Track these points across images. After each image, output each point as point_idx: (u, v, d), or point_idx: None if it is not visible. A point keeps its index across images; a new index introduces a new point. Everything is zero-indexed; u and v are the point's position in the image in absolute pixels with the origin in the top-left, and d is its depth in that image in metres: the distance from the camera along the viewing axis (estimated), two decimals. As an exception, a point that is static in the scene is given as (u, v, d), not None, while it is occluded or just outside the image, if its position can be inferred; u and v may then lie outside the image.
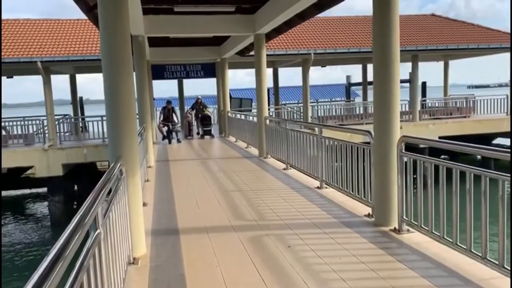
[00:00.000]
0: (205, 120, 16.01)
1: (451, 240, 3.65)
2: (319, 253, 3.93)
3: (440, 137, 16.76)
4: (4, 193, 18.93)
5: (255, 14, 9.90)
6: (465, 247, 3.48)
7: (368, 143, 5.00)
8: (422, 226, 4.06)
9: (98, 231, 2.21)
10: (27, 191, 18.68)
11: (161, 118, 14.96)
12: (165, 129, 14.85)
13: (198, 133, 16.35)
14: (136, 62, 9.85)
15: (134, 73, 9.85)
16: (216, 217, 5.34)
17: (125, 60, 3.98)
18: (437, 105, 19.84)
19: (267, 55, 13.34)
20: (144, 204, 6.05)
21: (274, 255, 3.95)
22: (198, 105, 16.52)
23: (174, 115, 14.87)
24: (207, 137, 15.96)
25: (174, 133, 14.82)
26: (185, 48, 15.28)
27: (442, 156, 16.45)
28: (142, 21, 9.01)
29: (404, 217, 4.31)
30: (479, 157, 16.88)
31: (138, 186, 4.09)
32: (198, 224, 5.10)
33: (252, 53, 12.70)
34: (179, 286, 3.41)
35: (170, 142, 14.52)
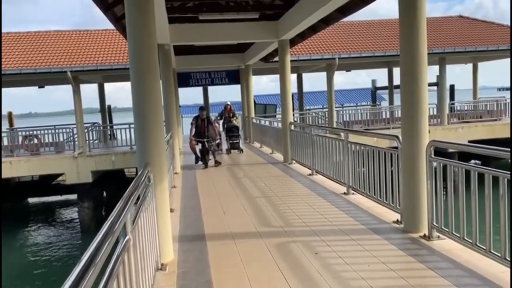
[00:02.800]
0: (231, 132, 13.22)
1: (484, 248, 3.53)
2: (347, 260, 3.87)
3: (470, 141, 16.34)
4: (36, 199, 19.52)
5: (278, 21, 9.93)
6: (499, 254, 3.37)
7: (396, 147, 4.92)
8: (453, 232, 3.95)
9: (127, 237, 2.24)
10: (58, 197, 19.18)
11: (193, 133, 10.57)
12: (198, 147, 10.56)
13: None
14: (162, 70, 10.01)
15: (160, 81, 10.02)
16: (242, 223, 5.35)
17: (152, 69, 4.05)
18: (466, 108, 19.35)
19: (291, 60, 13.33)
20: (171, 210, 6.10)
21: (301, 262, 3.92)
22: (227, 112, 14.22)
23: (210, 126, 10.58)
24: (234, 151, 13.19)
25: (211, 153, 10.58)
26: (209, 56, 15.45)
27: (473, 161, 16.02)
28: (168, 30, 9.16)
29: (434, 223, 4.21)
30: None
31: (165, 193, 4.13)
32: (224, 230, 5.12)
33: (276, 59, 12.73)
34: (206, 292, 3.42)
35: (206, 166, 10.29)
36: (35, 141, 16.20)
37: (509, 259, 3.28)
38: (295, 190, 7.20)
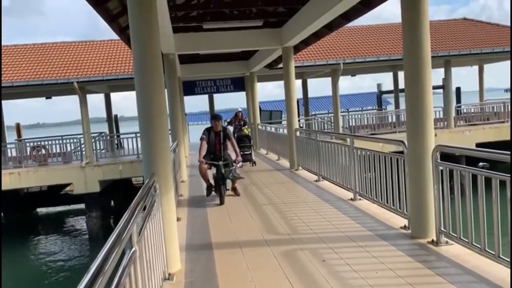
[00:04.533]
0: (242, 142, 11.39)
1: (493, 253, 3.50)
2: (355, 267, 3.85)
3: (477, 144, 16.22)
4: (44, 209, 19.64)
5: (282, 28, 9.97)
6: (508, 259, 3.33)
7: (402, 152, 4.90)
8: (462, 238, 3.92)
9: (133, 249, 2.25)
10: (66, 207, 19.29)
11: (204, 151, 7.30)
12: (211, 172, 7.41)
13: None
14: (167, 79, 10.08)
15: (165, 90, 10.07)
16: (248, 231, 5.34)
17: (156, 79, 4.08)
18: (472, 110, 19.22)
19: (295, 66, 13.34)
20: (178, 219, 6.12)
21: (308, 270, 3.90)
22: (238, 120, 12.93)
23: (228, 142, 7.43)
24: (246, 163, 11.30)
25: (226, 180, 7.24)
26: (214, 64, 15.53)
27: (481, 164, 15.88)
28: (172, 40, 9.23)
29: (442, 228, 4.18)
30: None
31: (171, 202, 4.15)
32: (231, 238, 5.11)
33: (280, 65, 12.78)
34: (214, 301, 3.42)
35: (222, 201, 6.97)
36: (43, 151, 16.33)
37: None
38: (302, 197, 7.18)
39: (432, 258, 3.93)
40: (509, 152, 2.84)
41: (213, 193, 7.41)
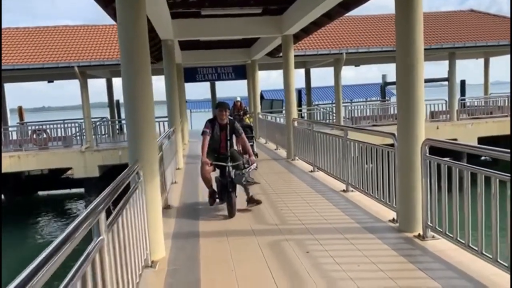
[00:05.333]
0: (244, 133, 9.84)
1: (476, 249, 3.46)
2: (338, 259, 3.83)
3: (479, 138, 16.08)
4: (45, 193, 19.75)
5: (282, 15, 9.84)
6: (491, 256, 3.29)
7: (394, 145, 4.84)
8: (447, 233, 3.88)
9: (101, 237, 2.22)
10: (67, 191, 19.39)
11: (206, 148, 5.76)
12: (214, 174, 5.95)
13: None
14: (165, 65, 10.02)
15: (164, 76, 9.98)
16: (237, 221, 5.32)
17: (143, 65, 4.03)
18: (476, 104, 19.03)
19: (297, 55, 13.21)
20: (169, 207, 6.14)
21: (291, 261, 3.88)
22: (237, 110, 11.54)
23: (238, 137, 6.02)
24: (246, 156, 10.33)
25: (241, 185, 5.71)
26: (216, 51, 15.41)
27: (483, 158, 15.73)
28: (170, 25, 9.14)
29: (429, 223, 4.13)
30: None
31: (156, 190, 4.12)
32: (219, 227, 5.09)
33: (281, 54, 12.65)
34: (193, 290, 3.41)
35: (231, 212, 5.45)
36: (44, 135, 16.37)
37: (501, 261, 3.20)
38: (295, 187, 7.15)
39: (417, 253, 3.90)
40: (508, 150, 2.77)
41: (216, 200, 5.91)
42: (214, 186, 5.93)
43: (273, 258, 3.98)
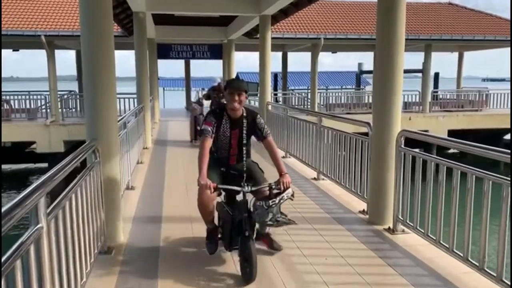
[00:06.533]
0: None
1: (447, 246, 3.36)
2: (305, 251, 3.67)
3: (449, 130, 16.30)
4: (7, 166, 18.96)
5: (261, -6, 9.51)
6: (461, 254, 3.19)
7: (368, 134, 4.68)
8: (418, 228, 3.77)
9: (39, 225, 1.95)
10: (31, 165, 18.67)
11: (206, 157, 3.33)
12: (221, 201, 3.58)
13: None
14: (136, 39, 9.56)
15: (134, 51, 9.51)
16: (203, 206, 5.09)
17: (105, 37, 3.70)
18: (448, 97, 19.28)
19: (275, 38, 12.88)
20: (132, 188, 5.85)
21: (256, 253, 3.68)
22: (217, 92, 9.62)
23: (261, 139, 3.78)
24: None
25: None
26: (191, 27, 14.90)
27: (451, 151, 15.98)
28: (143, -3, 8.67)
29: (400, 216, 4.02)
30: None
31: (115, 171, 3.83)
32: (183, 212, 4.85)
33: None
34: (149, 279, 3.18)
35: (251, 277, 3.07)
36: (6, 106, 15.59)
37: (471, 260, 3.11)
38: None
39: (386, 247, 3.78)
40: (508, 151, 2.63)
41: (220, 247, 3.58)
42: (216, 219, 3.69)
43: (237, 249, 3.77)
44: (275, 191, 3.41)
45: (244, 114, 3.54)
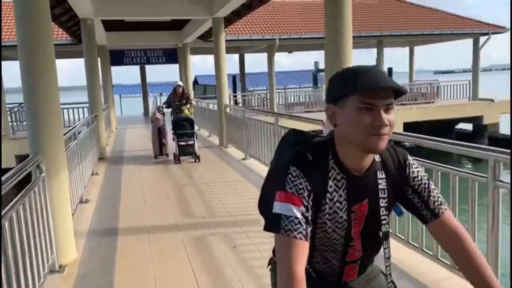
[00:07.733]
0: (180, 128, 8.25)
1: (402, 238, 3.40)
2: (265, 253, 3.62)
3: (405, 123, 16.76)
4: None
5: (212, -4, 9.43)
6: (431, 253, 3.19)
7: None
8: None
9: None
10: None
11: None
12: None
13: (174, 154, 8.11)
14: (85, 47, 9.25)
15: (83, 59, 9.21)
16: (162, 215, 4.96)
17: (44, 44, 3.51)
18: (402, 91, 19.83)
19: (230, 40, 12.81)
20: (86, 201, 5.63)
21: (217, 258, 3.63)
22: (179, 97, 9.01)
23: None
24: (187, 158, 8.29)
25: None
26: (144, 33, 14.59)
27: (407, 143, 16.42)
28: (90, 4, 8.39)
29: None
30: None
31: (63, 185, 3.64)
32: (140, 223, 4.71)
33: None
34: (104, 298, 3.05)
35: None
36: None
37: (442, 259, 3.11)
38: (226, 177, 6.89)
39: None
40: (508, 151, 2.65)
41: None
42: None
43: (197, 255, 3.70)
44: None
45: (377, 158, 1.33)
